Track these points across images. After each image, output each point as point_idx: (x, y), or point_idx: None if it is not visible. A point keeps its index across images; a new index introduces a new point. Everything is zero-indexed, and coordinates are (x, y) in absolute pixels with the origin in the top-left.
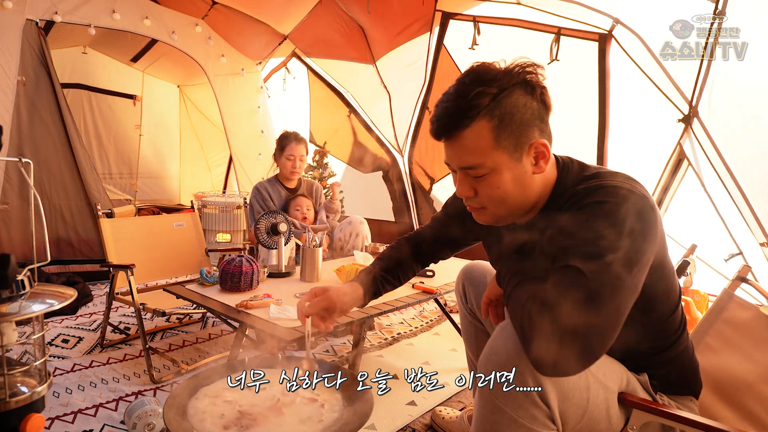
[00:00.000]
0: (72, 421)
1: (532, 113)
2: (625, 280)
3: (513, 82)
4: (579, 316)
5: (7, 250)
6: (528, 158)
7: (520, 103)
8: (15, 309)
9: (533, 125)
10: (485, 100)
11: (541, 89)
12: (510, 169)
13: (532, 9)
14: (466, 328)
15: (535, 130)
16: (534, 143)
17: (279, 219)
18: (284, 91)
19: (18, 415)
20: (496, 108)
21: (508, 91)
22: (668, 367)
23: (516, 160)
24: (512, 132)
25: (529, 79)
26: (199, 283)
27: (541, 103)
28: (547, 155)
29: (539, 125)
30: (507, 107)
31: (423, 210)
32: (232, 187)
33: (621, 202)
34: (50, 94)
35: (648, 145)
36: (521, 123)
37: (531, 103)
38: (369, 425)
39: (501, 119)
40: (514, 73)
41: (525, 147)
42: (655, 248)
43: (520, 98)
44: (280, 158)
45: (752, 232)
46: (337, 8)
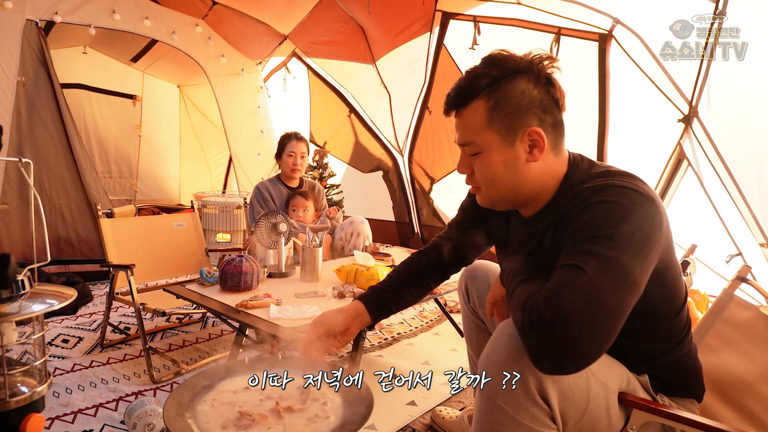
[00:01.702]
0: (72, 421)
1: (530, 101)
2: (627, 279)
3: (516, 69)
4: (580, 314)
5: (7, 250)
6: (522, 144)
7: (518, 90)
8: (15, 309)
9: (530, 112)
10: (485, 81)
11: (547, 79)
12: (501, 151)
13: (532, 9)
14: (468, 326)
15: (532, 118)
16: (528, 130)
17: (279, 219)
18: (284, 91)
19: (18, 415)
20: (495, 91)
21: (511, 77)
22: (671, 368)
23: (508, 143)
24: (506, 115)
25: (535, 69)
26: (199, 283)
27: (547, 94)
28: (541, 144)
29: (538, 114)
30: (505, 91)
31: (423, 210)
32: (232, 187)
33: (627, 202)
34: (50, 94)
35: (648, 145)
36: (516, 108)
37: (532, 91)
38: (369, 425)
39: (497, 102)
40: (522, 61)
41: (518, 132)
42: (659, 250)
43: (520, 85)
44: (281, 157)
45: (752, 232)
46: (338, 8)
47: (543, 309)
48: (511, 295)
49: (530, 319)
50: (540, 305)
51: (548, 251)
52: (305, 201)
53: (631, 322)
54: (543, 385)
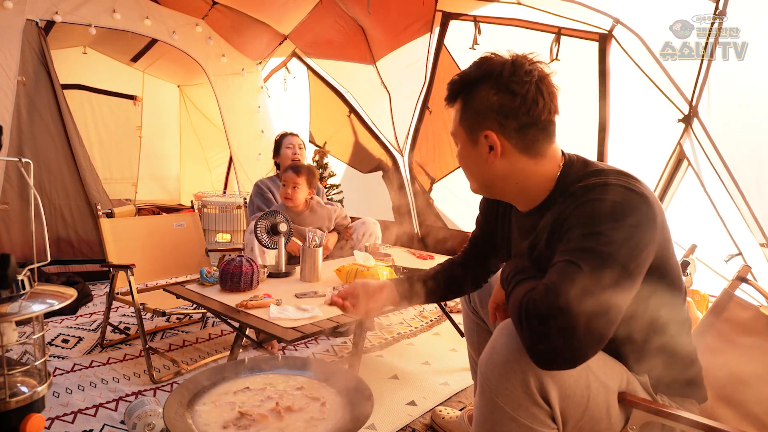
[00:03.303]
0: (72, 421)
1: (488, 106)
2: (623, 275)
3: (485, 74)
4: (575, 311)
5: (7, 250)
6: (482, 146)
7: (479, 95)
8: (15, 309)
9: (488, 117)
10: (459, 85)
11: (511, 79)
12: (467, 148)
13: (532, 9)
14: (469, 326)
15: (491, 122)
16: (485, 133)
17: (279, 219)
18: (284, 91)
19: (18, 415)
20: (466, 93)
21: (478, 82)
22: (670, 368)
23: (472, 142)
24: (468, 117)
25: (500, 68)
26: (199, 283)
27: (511, 100)
28: (495, 149)
29: (497, 119)
30: (471, 94)
31: (423, 210)
32: (232, 187)
33: (621, 199)
34: (50, 94)
35: (648, 145)
36: (476, 112)
37: (492, 97)
38: (369, 425)
39: (464, 103)
40: (495, 66)
41: (478, 134)
42: (655, 246)
43: (481, 90)
44: (279, 153)
45: (752, 232)
46: (338, 8)
47: (539, 304)
48: (510, 295)
49: (527, 314)
50: (536, 300)
51: (544, 249)
52: (296, 177)
53: (629, 318)
54: (543, 384)
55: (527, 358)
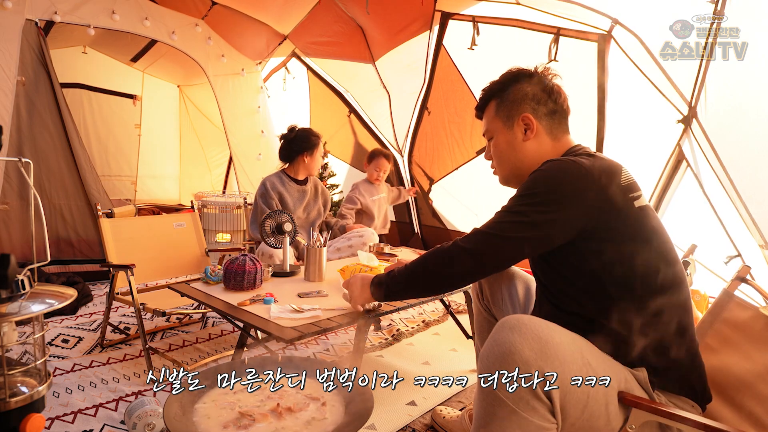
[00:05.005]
0: (72, 421)
1: (524, 95)
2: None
3: (516, 76)
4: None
5: (7, 250)
6: (518, 127)
7: (515, 88)
8: (15, 309)
9: (525, 103)
10: (496, 87)
11: (539, 77)
12: (504, 134)
13: (531, 9)
14: (480, 323)
15: (527, 107)
16: (523, 116)
17: (284, 218)
18: (284, 91)
19: (18, 415)
20: (501, 92)
21: (511, 82)
22: (668, 359)
23: (508, 127)
24: (506, 106)
25: (530, 71)
26: (203, 282)
27: (542, 91)
28: (532, 126)
29: (532, 105)
30: (506, 91)
31: (423, 210)
32: (232, 187)
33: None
34: (50, 94)
35: (647, 146)
36: (513, 100)
37: (525, 88)
38: (369, 425)
39: (501, 99)
40: (524, 70)
41: (515, 118)
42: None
43: (516, 85)
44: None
45: (751, 233)
46: (337, 8)
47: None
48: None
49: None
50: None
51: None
52: (388, 164)
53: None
54: (545, 378)
55: (529, 351)
